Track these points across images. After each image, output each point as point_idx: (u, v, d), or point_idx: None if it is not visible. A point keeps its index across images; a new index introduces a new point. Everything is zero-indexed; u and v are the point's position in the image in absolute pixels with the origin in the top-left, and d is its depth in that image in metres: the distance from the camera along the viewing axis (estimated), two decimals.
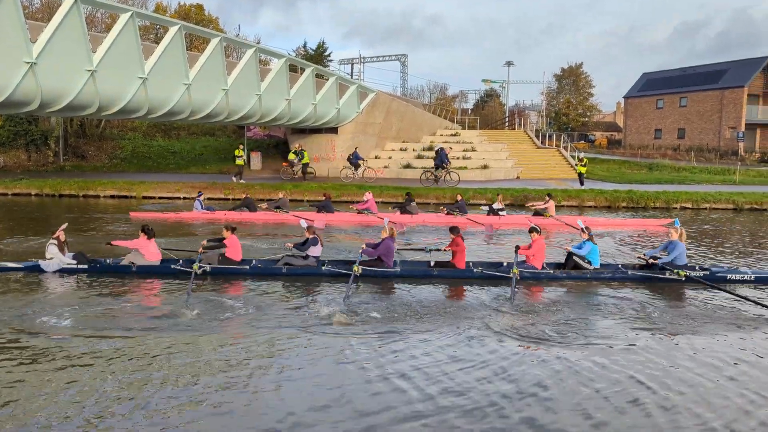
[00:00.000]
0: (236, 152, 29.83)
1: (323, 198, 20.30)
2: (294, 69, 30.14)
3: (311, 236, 11.29)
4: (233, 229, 11.39)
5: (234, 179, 28.10)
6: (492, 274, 10.91)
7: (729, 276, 10.93)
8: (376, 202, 21.21)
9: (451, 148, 32.58)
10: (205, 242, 11.15)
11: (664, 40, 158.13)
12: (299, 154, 30.55)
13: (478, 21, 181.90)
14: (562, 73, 76.38)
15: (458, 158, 34.36)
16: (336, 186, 26.28)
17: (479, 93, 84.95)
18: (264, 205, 20.11)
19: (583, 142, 66.69)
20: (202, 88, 23.60)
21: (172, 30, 21.84)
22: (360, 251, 10.99)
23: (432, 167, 29.61)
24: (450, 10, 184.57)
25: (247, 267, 11.07)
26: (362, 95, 33.48)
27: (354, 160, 30.65)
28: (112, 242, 11.65)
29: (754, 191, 25.97)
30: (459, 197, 20.39)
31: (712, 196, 24.73)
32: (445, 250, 11.55)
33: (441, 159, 28.81)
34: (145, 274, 10.91)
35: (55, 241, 11.01)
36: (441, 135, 37.88)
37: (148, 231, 11.26)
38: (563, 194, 24.91)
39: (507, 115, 64.91)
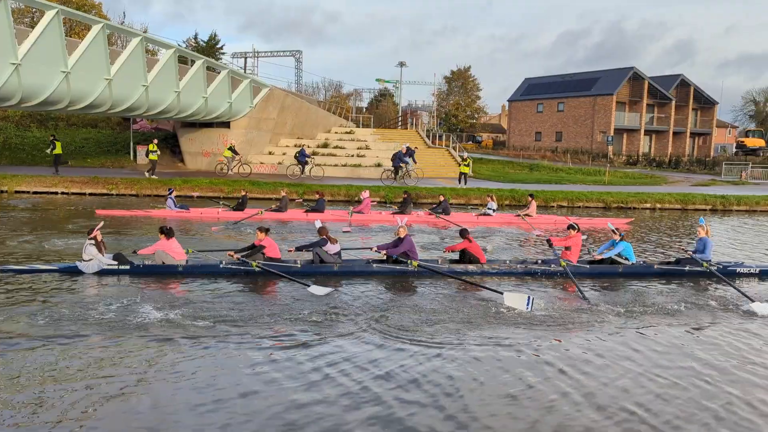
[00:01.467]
0: (150, 147, 28.27)
1: (317, 197, 20.00)
2: (184, 61, 28.94)
3: (323, 236, 11.40)
4: (267, 231, 11.31)
5: (147, 174, 26.79)
6: (523, 270, 11.55)
7: (738, 270, 12.00)
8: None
9: (416, 147, 32.59)
10: (237, 256, 10.87)
11: (548, 47, 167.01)
12: (233, 150, 30.33)
13: (376, 19, 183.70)
14: (451, 75, 78.66)
15: (352, 156, 34.48)
16: (226, 181, 25.54)
17: (373, 92, 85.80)
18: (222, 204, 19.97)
19: (471, 142, 69.10)
20: (83, 77, 22.06)
21: (49, 14, 20.24)
22: (383, 251, 11.34)
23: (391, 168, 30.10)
24: (348, 6, 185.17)
25: (298, 265, 11.00)
26: (256, 90, 32.73)
27: (301, 158, 30.39)
28: (138, 251, 11.03)
29: (620, 191, 28.00)
30: (442, 198, 20.45)
31: (585, 195, 26.40)
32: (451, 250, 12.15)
33: (399, 159, 29.42)
34: (193, 274, 10.70)
35: (93, 241, 10.50)
36: (336, 132, 37.84)
37: (168, 231, 11.03)
38: (452, 192, 25.64)
39: (400, 114, 65.94)
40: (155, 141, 28.74)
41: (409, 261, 11.11)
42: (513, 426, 5.42)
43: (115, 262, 10.63)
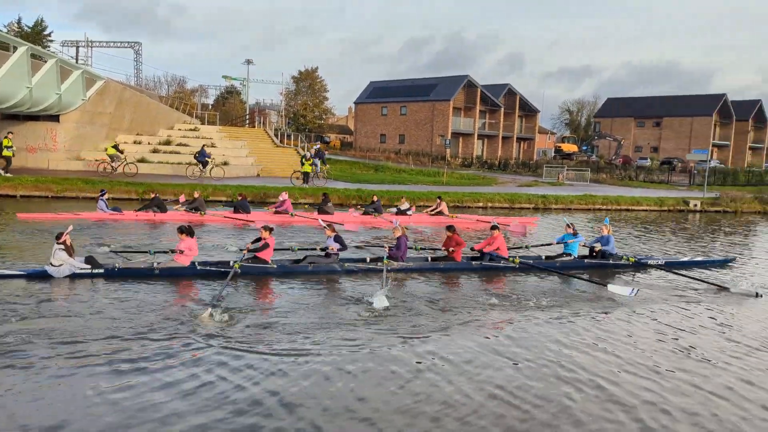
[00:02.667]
0: (5, 142, 24.76)
1: (239, 198, 19.42)
2: (6, 47, 25.96)
3: (332, 234, 11.69)
4: (271, 230, 11.40)
5: (1, 173, 23.67)
6: (492, 265, 12.44)
7: (649, 261, 13.51)
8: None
9: (326, 151, 31.84)
10: (250, 245, 11.32)
11: (394, 52, 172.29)
12: (117, 148, 28.11)
13: (225, 15, 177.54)
14: (299, 75, 78.41)
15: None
16: (58, 180, 23.36)
17: (220, 89, 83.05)
18: (179, 206, 18.91)
19: (319, 143, 69.33)
20: None
21: None
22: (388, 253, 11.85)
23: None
24: (196, 0, 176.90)
25: (275, 266, 11.11)
26: (89, 82, 30.21)
27: (201, 157, 29.03)
28: (175, 258, 10.75)
29: (456, 191, 29.69)
30: (375, 198, 20.96)
31: (425, 194, 27.65)
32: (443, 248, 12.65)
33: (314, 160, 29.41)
34: (171, 276, 10.38)
35: (63, 246, 10.09)
36: (179, 129, 36.09)
37: (190, 230, 10.96)
38: (300, 192, 25.59)
39: (247, 112, 64.45)
40: (10, 135, 25.54)
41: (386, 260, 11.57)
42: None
43: (88, 266, 10.24)
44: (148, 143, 32.34)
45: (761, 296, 11.03)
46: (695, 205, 30.35)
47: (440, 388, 6.27)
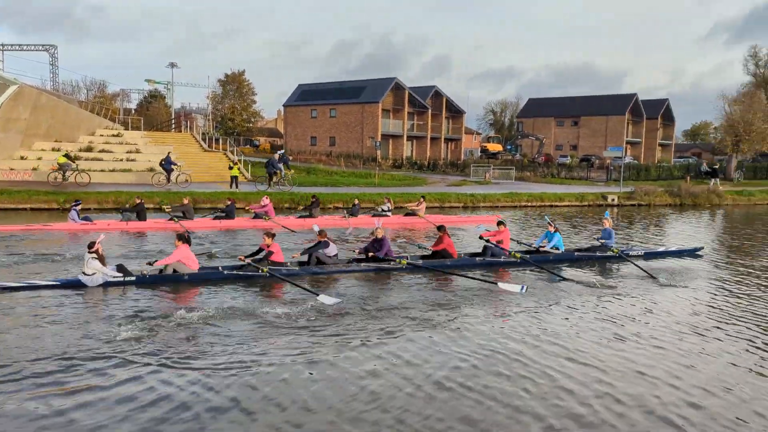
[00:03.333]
0: None
1: (228, 203, 19.74)
2: None
3: (323, 239, 12.00)
4: (273, 236, 11.61)
5: None
6: (491, 261, 13.09)
7: (630, 252, 14.38)
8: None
9: (290, 157, 31.42)
10: (248, 260, 11.12)
11: (324, 54, 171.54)
12: (69, 156, 27.07)
13: (148, 16, 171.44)
14: (226, 78, 76.83)
15: (122, 160, 31.89)
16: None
17: (143, 93, 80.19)
18: (168, 209, 19.02)
19: (248, 146, 68.19)
20: None
21: None
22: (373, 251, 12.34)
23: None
24: (115, 0, 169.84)
25: (296, 268, 11.54)
26: (1, 87, 28.54)
27: (166, 165, 28.28)
28: (156, 263, 10.75)
29: (389, 192, 29.90)
30: (356, 201, 21.78)
31: (358, 196, 27.65)
32: (432, 248, 13.23)
33: (272, 165, 29.20)
34: (198, 281, 10.69)
35: (95, 255, 10.24)
36: (101, 135, 34.62)
37: (187, 238, 10.96)
38: (232, 197, 25.08)
39: (173, 117, 62.53)
40: None
41: (398, 259, 12.28)
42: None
43: (120, 274, 10.42)
44: (69, 150, 30.87)
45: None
46: (613, 200, 31.83)
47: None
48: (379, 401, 6.02)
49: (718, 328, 8.86)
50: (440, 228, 13.44)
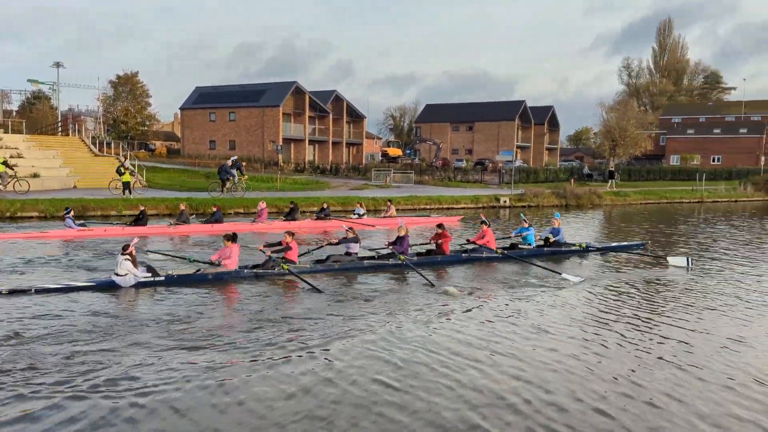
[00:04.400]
0: None
1: (214, 210, 20.04)
2: None
3: (352, 236, 12.98)
4: (293, 234, 12.34)
5: None
6: (477, 257, 14.32)
7: (589, 247, 15.75)
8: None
9: (245, 163, 30.71)
10: (269, 251, 12.01)
11: (225, 57, 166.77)
12: (6, 164, 25.39)
13: (32, 13, 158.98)
14: (117, 80, 72.92)
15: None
16: None
17: (25, 94, 74.42)
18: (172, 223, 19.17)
19: (143, 150, 65.09)
20: None
21: None
22: (392, 248, 13.27)
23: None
24: None
25: (308, 266, 12.28)
26: None
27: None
28: (212, 258, 11.70)
29: (291, 196, 29.57)
30: (325, 205, 23.02)
31: (258, 202, 27.17)
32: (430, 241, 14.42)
33: (225, 171, 29.09)
34: (221, 281, 11.28)
35: (128, 257, 10.70)
36: None
37: (233, 237, 11.72)
38: (124, 203, 23.85)
39: (60, 119, 58.46)
40: None
41: (401, 256, 13.07)
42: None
43: (149, 275, 10.84)
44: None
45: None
46: (505, 201, 33.27)
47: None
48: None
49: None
50: (439, 226, 14.59)
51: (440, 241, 14.15)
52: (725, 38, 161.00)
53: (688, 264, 13.98)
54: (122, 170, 27.66)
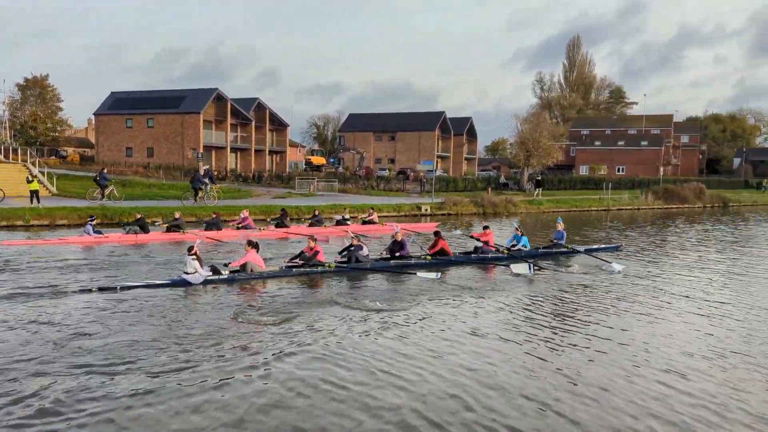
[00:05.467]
0: None
1: (213, 216, 21.31)
2: None
3: (357, 243, 14.12)
4: (315, 240, 13.86)
5: None
6: (484, 257, 16.04)
7: (576, 248, 17.79)
8: None
9: (215, 171, 28.57)
10: (298, 260, 13.40)
11: (147, 62, 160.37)
12: None
13: None
14: (25, 83, 68.76)
15: None
16: None
17: None
18: (161, 223, 20.53)
19: (54, 157, 61.65)
20: None
21: None
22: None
23: None
24: None
25: (334, 266, 13.64)
26: None
27: (102, 181, 28.20)
28: (231, 264, 12.73)
29: (167, 205, 28.61)
30: (317, 212, 24.42)
31: (179, 209, 26.33)
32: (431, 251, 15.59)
33: (198, 180, 29.77)
34: (271, 278, 12.64)
35: (194, 257, 11.79)
36: None
37: (256, 244, 12.87)
38: (32, 213, 22.51)
39: None
40: None
41: (424, 256, 15.15)
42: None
43: (210, 272, 12.10)
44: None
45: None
46: (426, 210, 33.89)
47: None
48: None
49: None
50: (436, 233, 15.99)
51: (438, 249, 15.50)
52: (630, 56, 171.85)
53: (616, 265, 15.43)
54: (30, 178, 26.09)
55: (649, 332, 9.51)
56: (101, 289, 11.08)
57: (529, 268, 13.87)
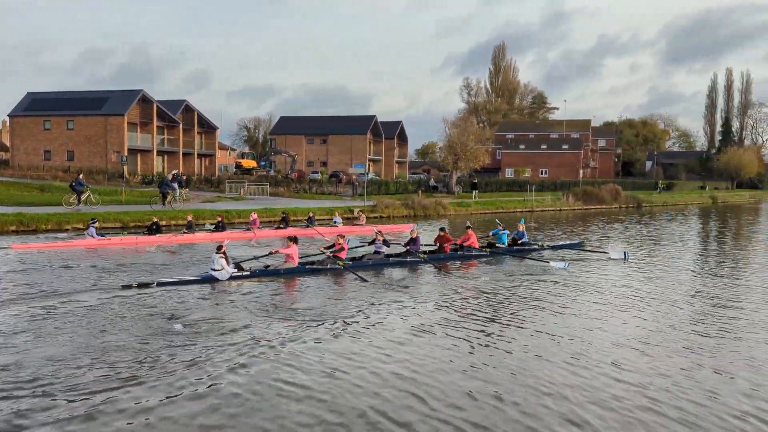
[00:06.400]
0: None
1: (219, 219, 23.07)
2: None
3: (381, 239, 16.10)
4: (343, 237, 15.45)
5: None
6: (467, 254, 17.61)
7: (542, 245, 19.50)
8: None
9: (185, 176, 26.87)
10: (328, 252, 14.90)
11: (68, 62, 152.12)
12: None
13: None
14: None
15: None
16: None
17: None
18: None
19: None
20: None
21: None
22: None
23: None
24: None
25: (350, 263, 15.05)
26: None
27: (78, 186, 27.93)
28: (273, 251, 14.78)
29: (138, 210, 27.87)
30: (311, 214, 26.95)
31: (102, 215, 25.29)
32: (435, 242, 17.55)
33: (166, 185, 29.84)
34: (292, 274, 13.90)
35: (222, 255, 12.96)
36: None
37: (296, 239, 14.72)
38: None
39: None
40: None
41: (420, 253, 16.46)
42: None
43: (235, 269, 13.16)
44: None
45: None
46: (358, 213, 33.96)
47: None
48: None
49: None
50: (441, 229, 17.78)
51: (443, 243, 17.20)
52: (554, 63, 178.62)
53: (625, 257, 17.69)
54: None
55: (587, 325, 10.05)
56: (140, 285, 12.16)
57: (565, 266, 15.68)
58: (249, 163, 69.89)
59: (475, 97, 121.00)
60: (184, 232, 21.01)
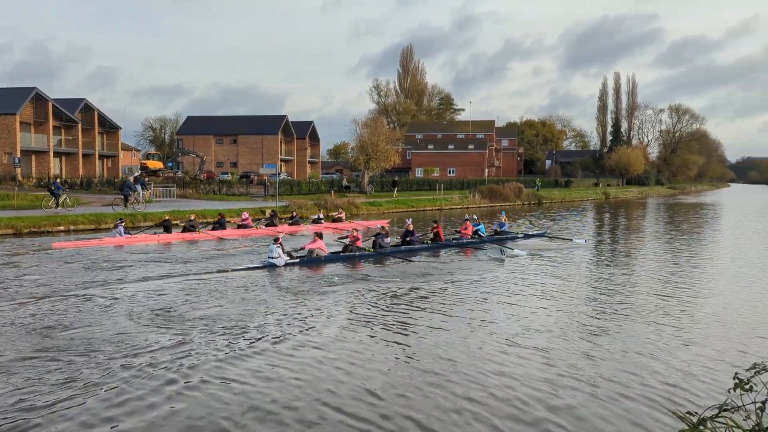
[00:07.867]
0: None
1: (219, 217, 24.95)
2: None
3: (384, 232, 18.67)
4: (357, 230, 18.81)
5: None
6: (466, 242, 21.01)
7: (520, 234, 23.23)
8: None
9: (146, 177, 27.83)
10: (347, 242, 17.82)
11: None
12: None
13: None
14: None
15: None
16: None
17: None
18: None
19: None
20: None
21: None
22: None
23: None
24: None
25: (369, 251, 17.95)
26: None
27: (56, 190, 28.55)
28: (302, 246, 16.87)
29: (32, 215, 26.04)
30: (294, 213, 28.91)
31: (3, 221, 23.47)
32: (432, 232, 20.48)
33: (128, 187, 30.14)
34: (332, 261, 16.72)
35: (279, 245, 15.56)
36: None
37: (321, 235, 17.13)
38: None
39: None
40: None
41: (426, 241, 19.92)
42: None
43: (288, 257, 15.88)
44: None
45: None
46: (271, 213, 33.44)
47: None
48: None
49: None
50: (435, 221, 21.19)
51: (437, 231, 20.16)
52: (463, 66, 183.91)
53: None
54: None
55: (509, 313, 10.67)
56: (219, 271, 14.76)
57: (584, 241, 21.27)
58: (155, 164, 67.00)
59: (385, 98, 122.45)
60: (158, 233, 22.18)
